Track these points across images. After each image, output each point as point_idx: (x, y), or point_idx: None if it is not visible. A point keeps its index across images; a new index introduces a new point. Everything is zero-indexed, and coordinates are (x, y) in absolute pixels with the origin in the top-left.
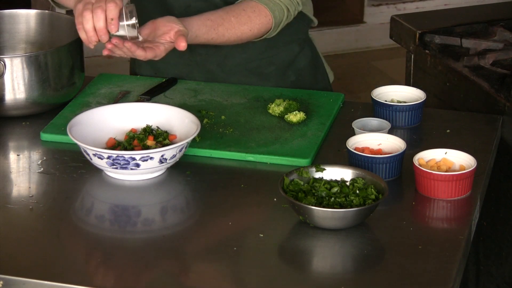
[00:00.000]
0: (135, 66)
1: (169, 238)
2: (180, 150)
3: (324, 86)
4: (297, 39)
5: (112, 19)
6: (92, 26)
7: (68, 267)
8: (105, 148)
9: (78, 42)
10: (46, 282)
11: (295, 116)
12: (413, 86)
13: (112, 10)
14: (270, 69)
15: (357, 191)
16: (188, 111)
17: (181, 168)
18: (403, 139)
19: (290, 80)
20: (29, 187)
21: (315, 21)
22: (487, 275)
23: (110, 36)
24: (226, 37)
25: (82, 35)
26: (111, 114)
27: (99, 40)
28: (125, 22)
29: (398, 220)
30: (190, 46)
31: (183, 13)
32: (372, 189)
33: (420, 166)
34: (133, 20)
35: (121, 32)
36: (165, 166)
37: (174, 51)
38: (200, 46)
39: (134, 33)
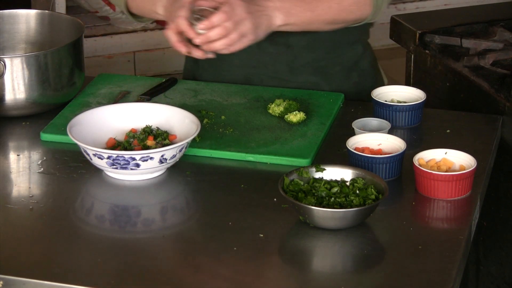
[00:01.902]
0: (196, 71)
1: (169, 238)
2: (180, 150)
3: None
4: (361, 40)
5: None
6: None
7: (68, 267)
8: (105, 148)
9: (78, 42)
10: (46, 282)
11: (295, 116)
12: (413, 86)
13: (181, 25)
14: (336, 69)
15: (357, 191)
16: (188, 111)
17: (181, 168)
18: (403, 139)
19: (353, 81)
20: (29, 187)
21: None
22: (487, 275)
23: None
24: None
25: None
26: (111, 114)
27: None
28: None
29: (398, 220)
30: (259, 46)
31: None
32: (372, 189)
33: (420, 166)
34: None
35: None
36: (165, 166)
37: (241, 52)
38: (271, 45)
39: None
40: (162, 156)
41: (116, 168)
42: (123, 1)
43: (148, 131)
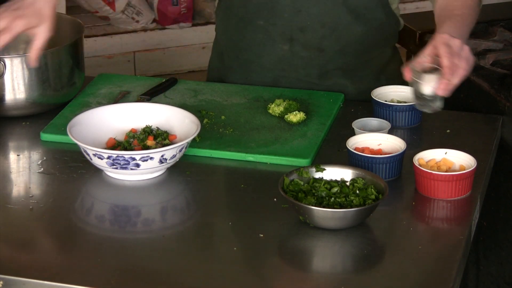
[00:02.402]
0: (222, 71)
1: (169, 238)
2: (180, 150)
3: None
4: (390, 44)
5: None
6: None
7: (68, 267)
8: (105, 148)
9: (78, 42)
10: (46, 282)
11: (295, 116)
12: None
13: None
14: (366, 72)
15: (357, 191)
16: (188, 111)
17: (181, 168)
18: (403, 139)
19: (381, 85)
20: (29, 187)
21: (402, 22)
22: (487, 275)
23: None
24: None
25: None
26: (111, 114)
27: None
28: None
29: (398, 220)
30: (292, 49)
31: (293, 16)
32: (372, 189)
33: (420, 166)
34: None
35: None
36: (165, 166)
37: (273, 56)
38: (304, 48)
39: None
40: (162, 156)
41: (116, 168)
42: None
43: (148, 131)
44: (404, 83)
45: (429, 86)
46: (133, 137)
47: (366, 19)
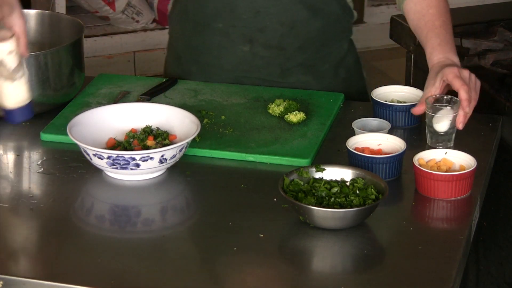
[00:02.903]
0: (181, 74)
1: (169, 238)
2: (180, 150)
3: (365, 84)
4: (346, 36)
5: None
6: None
7: (68, 267)
8: (105, 148)
9: (78, 42)
10: (46, 282)
11: (295, 116)
12: (413, 86)
13: None
14: (324, 67)
15: (357, 191)
16: (188, 111)
17: (181, 168)
18: (403, 139)
19: (341, 78)
20: (29, 187)
21: (355, 15)
22: (487, 275)
23: None
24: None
25: None
26: (111, 114)
27: None
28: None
29: (398, 220)
30: (252, 50)
31: (252, 17)
32: (372, 189)
33: (420, 166)
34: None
35: None
36: (165, 166)
37: (234, 58)
38: (264, 48)
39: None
40: (162, 156)
41: (116, 168)
42: None
43: (148, 131)
44: (361, 75)
45: (446, 121)
46: (133, 137)
47: (323, 14)
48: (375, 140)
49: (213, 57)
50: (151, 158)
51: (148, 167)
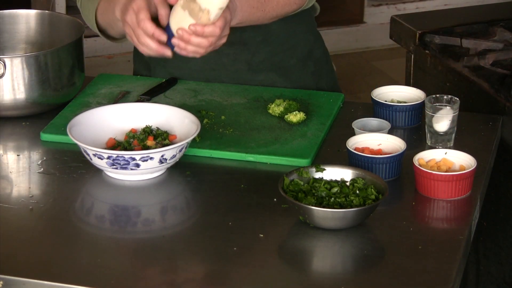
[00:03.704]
0: (152, 71)
1: (169, 238)
2: (180, 150)
3: (335, 75)
4: (311, 29)
5: (153, 34)
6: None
7: (68, 267)
8: (105, 148)
9: (78, 42)
10: (46, 282)
11: (295, 116)
12: (413, 86)
13: (148, 29)
14: (292, 61)
15: (357, 191)
16: (188, 111)
17: (181, 168)
18: (403, 139)
19: (310, 71)
20: (29, 187)
21: (318, 8)
22: (487, 275)
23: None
24: (280, 4)
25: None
26: (111, 114)
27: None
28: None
29: (398, 220)
30: (217, 49)
31: None
32: (372, 189)
33: (420, 166)
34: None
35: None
36: (165, 166)
37: (199, 58)
38: (228, 47)
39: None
40: (162, 156)
41: (116, 168)
42: (93, 20)
43: (148, 131)
44: (330, 68)
45: (446, 121)
46: (133, 137)
47: None
48: (375, 140)
49: (179, 61)
50: (151, 158)
51: (148, 167)
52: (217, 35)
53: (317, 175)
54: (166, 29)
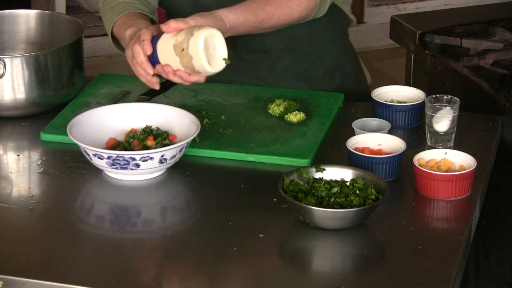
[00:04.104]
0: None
1: (169, 238)
2: (180, 150)
3: (365, 89)
4: (341, 40)
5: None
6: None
7: (68, 267)
8: (105, 148)
9: (78, 42)
10: (46, 282)
11: (295, 116)
12: (413, 86)
13: (145, 46)
14: (318, 73)
15: (357, 191)
16: (188, 111)
17: (181, 168)
18: (403, 139)
19: (336, 84)
20: (29, 187)
21: (354, 20)
22: (487, 275)
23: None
24: (276, 16)
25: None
26: (111, 114)
27: (159, 77)
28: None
29: (398, 220)
30: (237, 54)
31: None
32: (372, 189)
33: (420, 166)
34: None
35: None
36: (165, 166)
37: None
38: (249, 52)
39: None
40: (162, 156)
41: (116, 168)
42: (109, 30)
43: (148, 131)
44: (360, 82)
45: (446, 121)
46: (133, 137)
47: None
48: (375, 140)
49: None
50: (151, 158)
51: (148, 167)
52: (201, 82)
53: (317, 175)
54: (153, 51)
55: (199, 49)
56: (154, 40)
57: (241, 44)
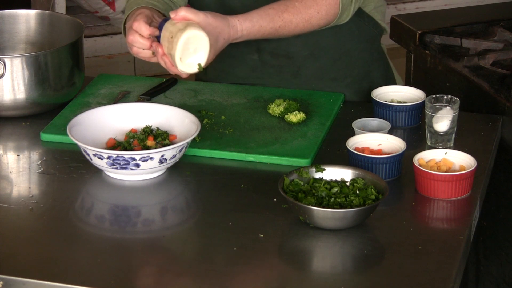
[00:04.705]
0: (206, 77)
1: (169, 238)
2: (180, 150)
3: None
4: (370, 48)
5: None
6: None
7: (68, 267)
8: (105, 148)
9: (78, 42)
10: (46, 282)
11: (295, 116)
12: (413, 86)
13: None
14: (347, 81)
15: (357, 191)
16: (188, 111)
17: (181, 168)
18: (403, 139)
19: (365, 93)
20: (29, 187)
21: (387, 29)
22: (487, 275)
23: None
24: (294, 23)
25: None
26: (111, 114)
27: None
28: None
29: (398, 220)
30: (261, 58)
31: (245, 11)
32: (372, 189)
33: (420, 166)
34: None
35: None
36: (165, 166)
37: (245, 66)
38: (272, 57)
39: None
40: (162, 156)
41: (116, 168)
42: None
43: (148, 131)
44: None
45: (446, 121)
46: (133, 137)
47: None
48: (375, 140)
49: (226, 65)
50: (151, 158)
51: (148, 167)
52: (182, 76)
53: (317, 175)
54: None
55: (178, 43)
56: (165, 21)
57: (265, 48)
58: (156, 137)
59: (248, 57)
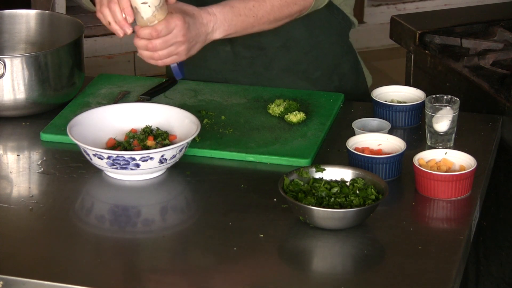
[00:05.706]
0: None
1: (169, 238)
2: (180, 150)
3: (364, 91)
4: (340, 41)
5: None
6: (112, 20)
7: (68, 267)
8: (105, 148)
9: (78, 42)
10: (46, 282)
11: (295, 116)
12: (413, 86)
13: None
14: (317, 74)
15: (357, 191)
16: (188, 111)
17: (181, 168)
18: (403, 139)
19: (334, 85)
20: (29, 187)
21: (356, 23)
22: (487, 275)
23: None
24: (268, 3)
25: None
26: (111, 114)
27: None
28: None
29: (398, 220)
30: (234, 50)
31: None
32: (372, 189)
33: (420, 166)
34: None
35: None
36: (165, 166)
37: (217, 58)
38: (244, 49)
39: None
40: (162, 156)
41: (116, 168)
42: None
43: (148, 131)
44: (358, 83)
45: (446, 121)
46: (133, 137)
47: (306, 14)
48: (375, 140)
49: (199, 59)
50: (151, 158)
51: (148, 167)
52: (155, 36)
53: (317, 175)
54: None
55: None
56: None
57: (237, 40)
58: (156, 137)
59: (221, 48)
